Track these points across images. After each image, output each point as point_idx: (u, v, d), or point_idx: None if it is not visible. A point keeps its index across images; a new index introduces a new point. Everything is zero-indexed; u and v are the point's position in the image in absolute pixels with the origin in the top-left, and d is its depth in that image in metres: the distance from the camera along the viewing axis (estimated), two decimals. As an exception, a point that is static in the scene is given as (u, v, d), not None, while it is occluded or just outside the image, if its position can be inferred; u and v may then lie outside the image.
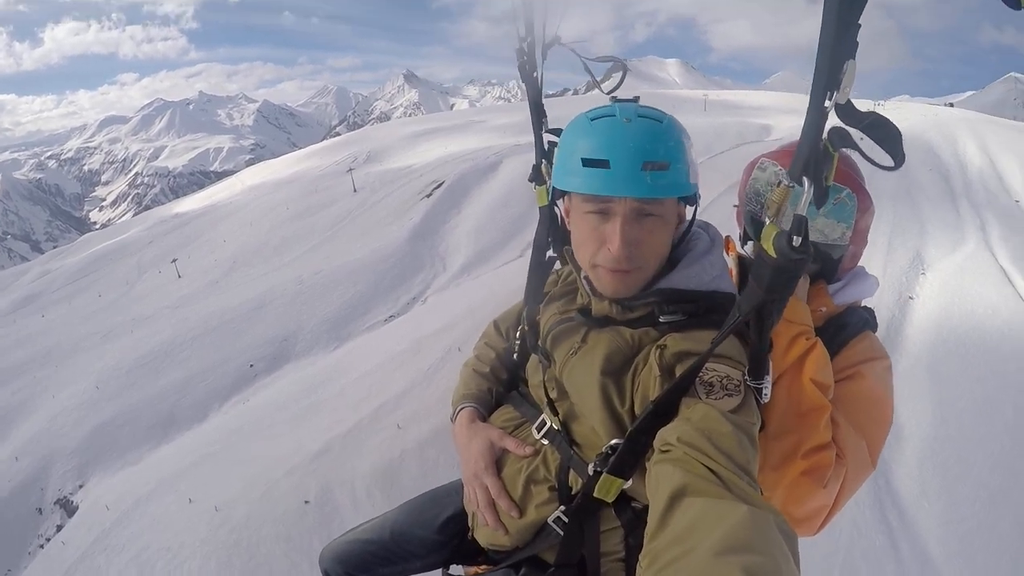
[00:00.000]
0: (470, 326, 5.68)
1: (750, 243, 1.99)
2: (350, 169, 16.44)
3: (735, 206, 2.06)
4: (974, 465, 4.39)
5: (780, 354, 1.51)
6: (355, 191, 15.39)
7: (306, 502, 3.84)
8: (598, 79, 1.72)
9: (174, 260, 14.76)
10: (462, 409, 1.81)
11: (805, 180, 1.04)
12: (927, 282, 7.13)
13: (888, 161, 1.05)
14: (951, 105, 27.19)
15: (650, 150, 1.32)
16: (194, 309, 11.05)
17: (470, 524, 1.78)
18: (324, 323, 9.09)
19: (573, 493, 1.48)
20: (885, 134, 1.00)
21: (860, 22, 0.91)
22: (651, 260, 1.43)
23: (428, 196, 13.36)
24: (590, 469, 1.39)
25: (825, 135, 1.01)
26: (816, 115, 0.98)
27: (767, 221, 1.13)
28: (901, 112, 19.02)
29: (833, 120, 1.00)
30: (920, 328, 6.12)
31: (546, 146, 1.83)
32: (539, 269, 1.80)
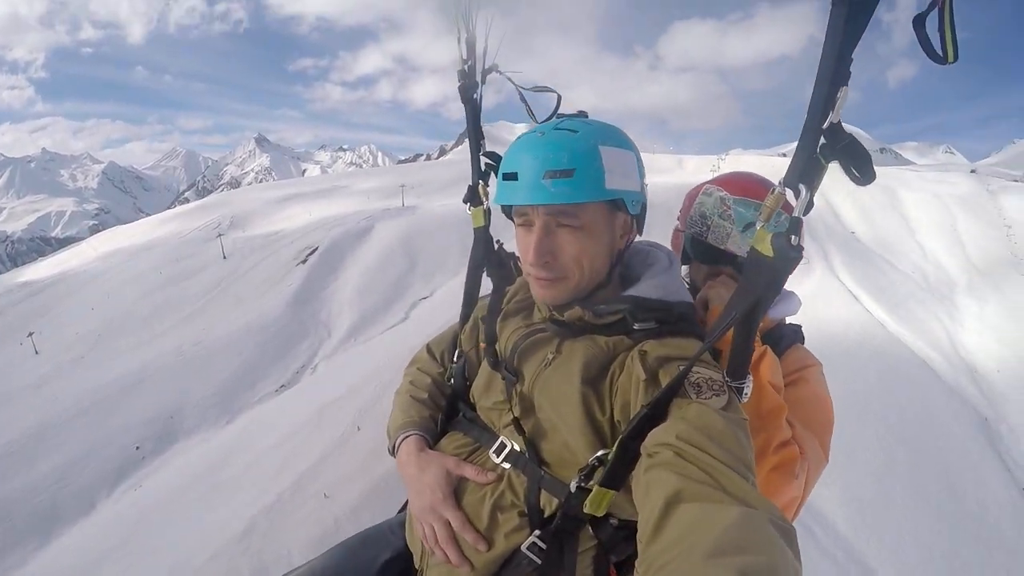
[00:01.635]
0: (376, 388, 5.75)
1: (686, 266, 2.14)
2: (219, 235, 16.04)
3: (678, 230, 2.17)
4: (857, 449, 5.10)
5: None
6: (224, 257, 15.08)
7: (243, 586, 3.64)
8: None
9: (30, 334, 13.93)
10: (406, 437, 1.73)
11: (802, 187, 1.20)
12: None
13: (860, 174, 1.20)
14: (784, 155, 29.38)
15: (553, 159, 1.38)
16: (61, 387, 10.36)
17: (417, 565, 1.64)
18: (211, 397, 8.75)
19: (547, 516, 1.43)
20: (858, 155, 1.17)
21: (853, 56, 1.11)
22: (574, 269, 1.47)
23: (303, 262, 13.29)
24: (572, 486, 1.35)
25: (817, 150, 1.17)
26: (814, 132, 1.15)
27: (758, 226, 1.29)
28: (741, 164, 20.46)
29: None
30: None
31: (483, 167, 1.95)
32: (474, 289, 1.93)
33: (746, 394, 1.38)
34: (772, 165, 20.49)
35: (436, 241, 14.02)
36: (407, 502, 1.95)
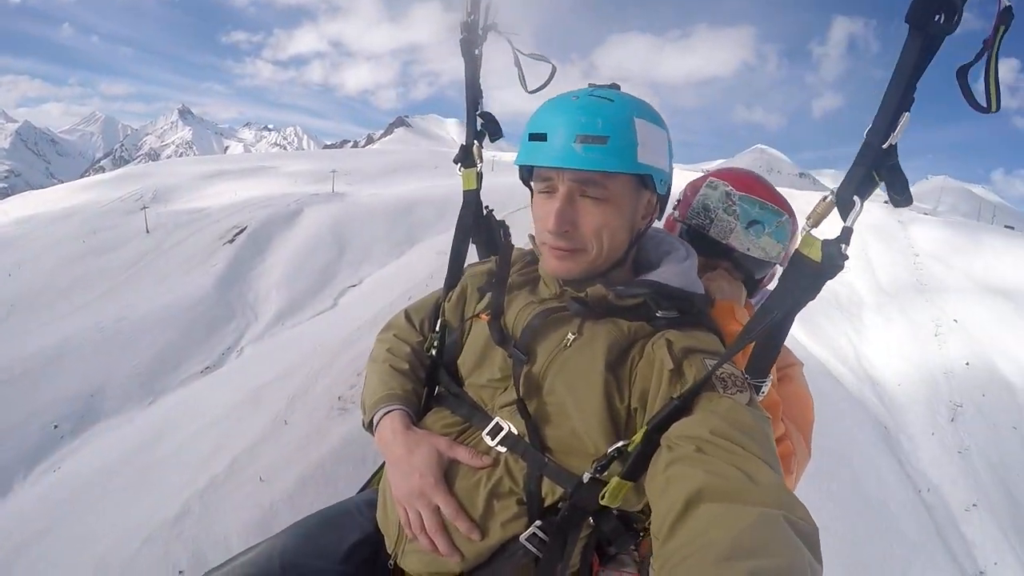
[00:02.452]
0: (307, 375, 5.72)
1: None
2: (144, 208, 15.54)
3: (674, 219, 2.16)
4: (818, 475, 5.48)
5: (738, 357, 1.52)
6: (148, 232, 14.70)
7: (180, 572, 3.64)
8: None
9: (-64, 299, 13.40)
10: (388, 412, 1.60)
11: (856, 199, 1.24)
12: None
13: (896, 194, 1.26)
14: (705, 171, 30.36)
15: (587, 123, 1.35)
16: None
17: (390, 550, 1.51)
18: (134, 376, 8.52)
19: (547, 505, 1.37)
20: (901, 178, 1.22)
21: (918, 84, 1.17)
22: (593, 242, 1.44)
23: (231, 242, 13.11)
24: (585, 476, 1.31)
25: (873, 167, 1.22)
26: (874, 151, 1.20)
27: (806, 230, 1.33)
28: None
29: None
30: None
31: (478, 127, 1.93)
32: (459, 255, 1.88)
33: (763, 392, 1.44)
34: (692, 178, 21.26)
35: (366, 230, 13.97)
36: (372, 479, 1.99)
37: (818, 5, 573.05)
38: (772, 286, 1.83)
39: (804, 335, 9.69)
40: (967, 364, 9.16)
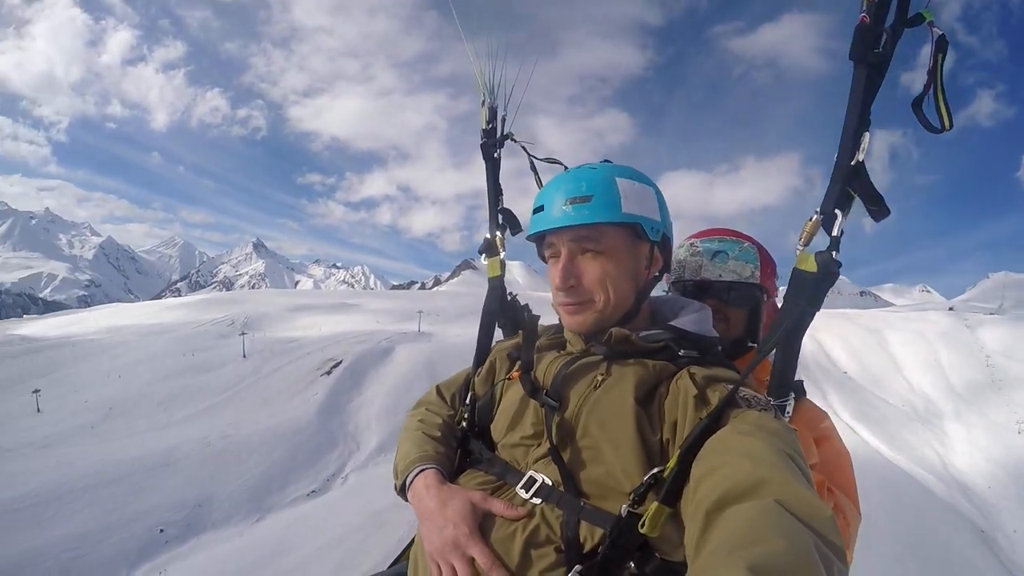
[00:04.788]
0: None
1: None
2: (242, 333, 16.19)
3: (666, 290, 2.28)
4: (875, 568, 5.83)
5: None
6: (244, 356, 15.27)
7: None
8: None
9: (36, 391, 13.86)
10: (421, 471, 1.60)
11: (838, 212, 1.41)
12: None
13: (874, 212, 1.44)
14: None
15: (573, 188, 1.52)
16: (72, 453, 10.17)
17: None
18: (242, 492, 8.71)
19: (587, 550, 1.33)
20: (873, 196, 1.40)
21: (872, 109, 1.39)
22: (599, 292, 1.53)
23: (327, 373, 13.49)
24: (623, 511, 1.28)
25: (847, 183, 1.41)
26: (845, 169, 1.41)
27: (799, 248, 1.47)
28: None
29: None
30: None
31: (500, 221, 2.09)
32: (487, 336, 2.00)
33: (788, 413, 1.51)
34: None
35: (456, 368, 13.53)
36: (403, 553, 2.02)
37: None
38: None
39: (889, 450, 9.75)
40: (1053, 456, 9.06)
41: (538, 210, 1.59)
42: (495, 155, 2.13)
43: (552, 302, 1.66)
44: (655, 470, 1.28)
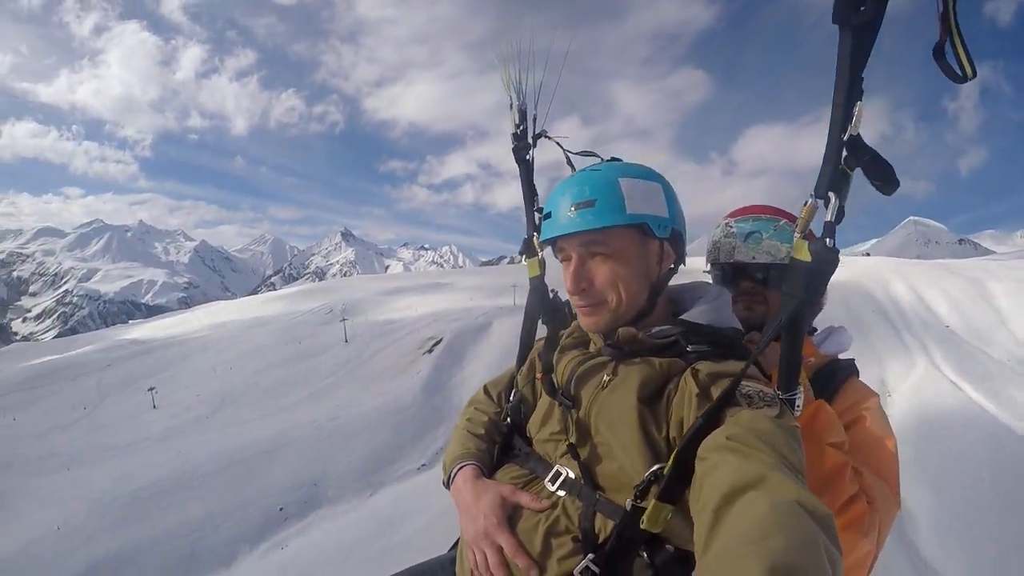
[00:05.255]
0: None
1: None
2: (343, 319, 16.48)
3: (704, 271, 2.23)
4: (975, 524, 5.29)
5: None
6: (346, 341, 15.53)
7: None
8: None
9: (151, 389, 14.41)
10: (461, 467, 1.70)
11: (831, 195, 1.30)
12: (895, 402, 8.45)
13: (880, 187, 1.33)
14: (867, 255, 29.29)
15: (577, 193, 1.51)
16: (189, 443, 10.68)
17: None
18: (353, 470, 8.87)
19: (601, 540, 1.38)
20: (881, 167, 1.28)
21: (864, 75, 1.25)
22: (611, 293, 1.53)
23: (429, 352, 13.62)
24: (627, 504, 1.33)
25: (842, 161, 1.28)
26: (836, 145, 1.28)
27: (795, 236, 1.39)
28: None
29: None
30: (902, 438, 7.18)
31: (537, 221, 1.99)
32: (530, 335, 2.00)
33: (798, 406, 1.40)
34: (855, 263, 20.64)
35: None
36: (458, 539, 1.97)
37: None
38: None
39: (995, 407, 9.32)
40: None
41: (546, 216, 1.60)
42: (527, 157, 2.09)
43: (571, 303, 1.70)
44: (655, 467, 1.32)
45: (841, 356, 2.08)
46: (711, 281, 2.19)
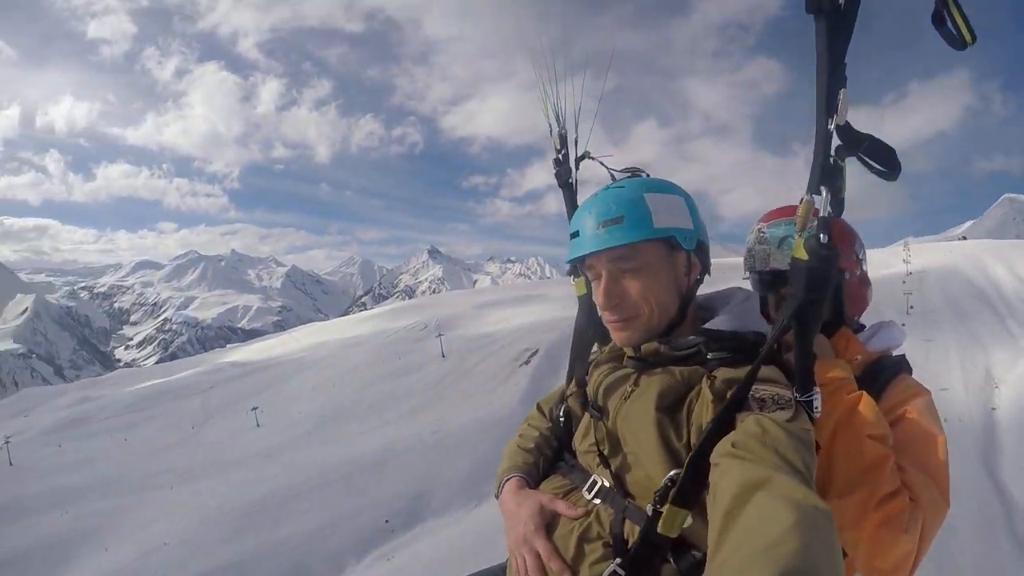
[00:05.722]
0: None
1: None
2: (439, 335, 16.67)
3: (744, 278, 2.27)
4: None
5: (824, 412, 1.51)
6: (443, 356, 15.65)
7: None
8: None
9: (254, 408, 14.78)
10: (508, 479, 1.81)
11: (823, 190, 1.32)
12: (1003, 394, 8.44)
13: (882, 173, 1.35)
14: (964, 238, 28.35)
15: (604, 211, 1.57)
16: (295, 459, 10.93)
17: None
18: (458, 482, 8.89)
19: (630, 546, 1.43)
20: (882, 150, 1.28)
21: (846, 61, 1.24)
22: (643, 307, 1.59)
23: (526, 363, 13.59)
24: (648, 509, 1.39)
25: (832, 152, 1.29)
26: (823, 136, 1.28)
27: (795, 236, 1.39)
28: (923, 256, 19.48)
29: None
30: (1010, 430, 7.28)
31: None
32: (580, 352, 2.02)
33: (817, 408, 1.39)
34: (952, 250, 20.13)
35: None
36: None
37: (1019, 19, 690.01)
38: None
39: None
40: None
41: (574, 235, 1.66)
42: (570, 180, 2.18)
43: (602, 319, 1.74)
44: (672, 472, 1.38)
45: (894, 353, 2.05)
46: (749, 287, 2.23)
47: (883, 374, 1.89)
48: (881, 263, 21.44)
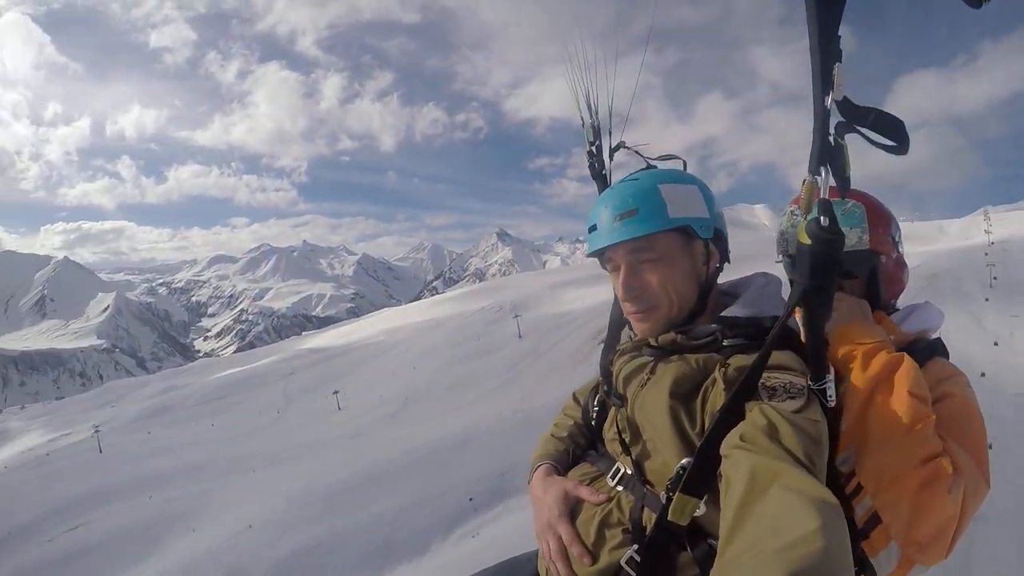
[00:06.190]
0: None
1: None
2: (516, 315, 16.68)
3: (777, 261, 2.18)
4: None
5: (858, 371, 1.51)
6: (520, 336, 15.66)
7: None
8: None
9: (335, 392, 15.01)
10: (539, 467, 1.81)
11: (823, 170, 1.25)
12: None
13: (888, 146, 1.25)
14: None
15: (619, 204, 1.56)
16: (379, 439, 11.09)
17: None
18: None
19: (648, 532, 1.43)
20: (889, 124, 1.21)
21: (840, 34, 1.17)
22: (662, 297, 1.56)
23: (603, 342, 13.24)
24: (662, 496, 1.38)
25: (832, 130, 1.23)
26: (820, 114, 1.21)
27: (802, 216, 1.32)
28: (1006, 225, 18.60)
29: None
30: None
31: None
32: (612, 343, 1.95)
33: (831, 396, 1.34)
34: None
35: None
36: None
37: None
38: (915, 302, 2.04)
39: None
40: None
41: (592, 229, 1.66)
42: (604, 172, 2.13)
43: (623, 311, 1.73)
44: (684, 460, 1.37)
45: (932, 335, 1.98)
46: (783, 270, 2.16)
47: (916, 357, 1.70)
48: (960, 233, 20.60)
